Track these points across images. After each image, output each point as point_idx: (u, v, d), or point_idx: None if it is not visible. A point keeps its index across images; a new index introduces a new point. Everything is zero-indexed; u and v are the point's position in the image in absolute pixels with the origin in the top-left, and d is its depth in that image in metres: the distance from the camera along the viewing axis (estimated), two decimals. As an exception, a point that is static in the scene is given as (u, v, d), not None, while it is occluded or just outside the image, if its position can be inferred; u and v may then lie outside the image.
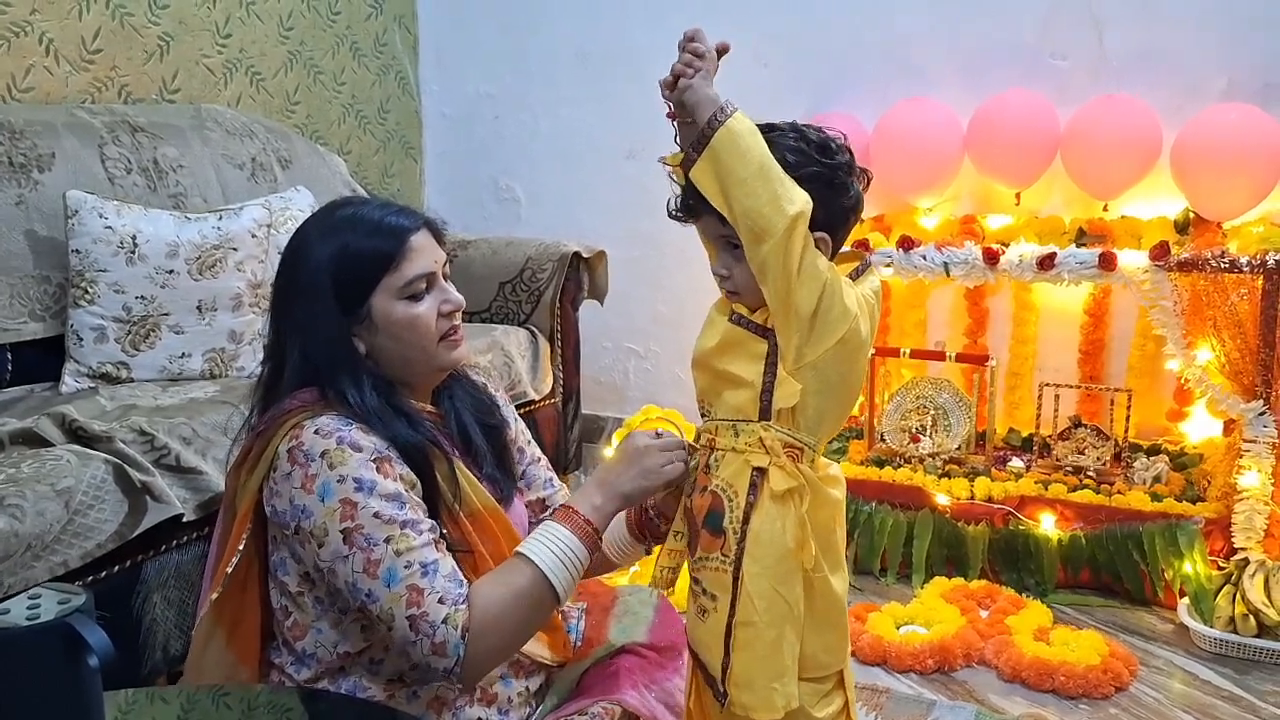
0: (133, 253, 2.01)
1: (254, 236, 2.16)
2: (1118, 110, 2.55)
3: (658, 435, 1.32)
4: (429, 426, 1.34)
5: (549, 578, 1.23)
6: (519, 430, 1.56)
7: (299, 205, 2.40)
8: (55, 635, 0.81)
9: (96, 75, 2.44)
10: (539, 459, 1.58)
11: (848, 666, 1.30)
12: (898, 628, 2.23)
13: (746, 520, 1.20)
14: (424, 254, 1.33)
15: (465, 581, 1.23)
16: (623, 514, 1.47)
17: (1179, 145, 2.50)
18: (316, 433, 1.23)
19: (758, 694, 1.19)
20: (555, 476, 1.60)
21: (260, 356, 2.17)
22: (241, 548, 1.28)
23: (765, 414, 1.20)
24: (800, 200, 1.13)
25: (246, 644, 1.31)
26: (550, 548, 1.25)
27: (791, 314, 1.15)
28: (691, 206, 1.21)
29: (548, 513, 1.35)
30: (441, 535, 1.27)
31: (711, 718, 1.27)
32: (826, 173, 1.18)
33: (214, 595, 1.29)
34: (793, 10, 2.99)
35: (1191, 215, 2.55)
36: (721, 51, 1.20)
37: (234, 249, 2.12)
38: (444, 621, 1.18)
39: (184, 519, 1.69)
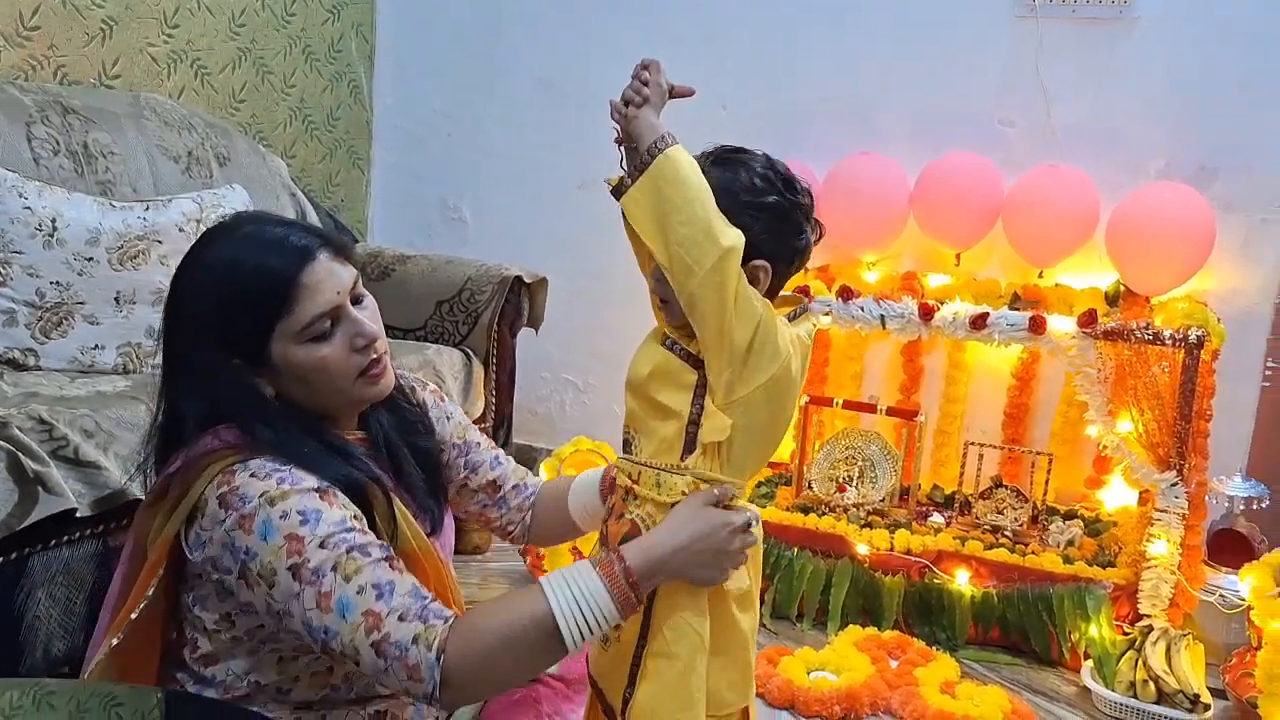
0: (51, 236, 1.93)
1: (181, 230, 2.09)
2: (1059, 180, 2.61)
3: (749, 525, 1.20)
4: (364, 461, 1.25)
5: (560, 627, 1.10)
6: (455, 423, 1.46)
7: (232, 203, 2.34)
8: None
9: (32, 52, 2.36)
10: (478, 443, 1.48)
11: (752, 704, 1.29)
12: (808, 673, 2.21)
13: None
14: (322, 287, 1.18)
15: (431, 595, 1.13)
16: (596, 480, 1.43)
17: (1115, 219, 2.56)
18: (252, 476, 1.13)
19: None
20: (501, 453, 1.50)
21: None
22: (150, 594, 1.17)
23: (690, 446, 1.17)
24: (734, 235, 1.12)
25: (143, 677, 1.21)
26: (574, 592, 1.12)
27: (726, 348, 1.13)
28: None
29: (592, 558, 1.18)
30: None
31: None
32: (785, 205, 1.17)
33: (114, 641, 1.17)
34: (754, 55, 3.02)
35: (1122, 288, 2.60)
36: (681, 94, 1.21)
37: (159, 241, 2.05)
38: (414, 641, 1.07)
39: (78, 514, 1.62)
